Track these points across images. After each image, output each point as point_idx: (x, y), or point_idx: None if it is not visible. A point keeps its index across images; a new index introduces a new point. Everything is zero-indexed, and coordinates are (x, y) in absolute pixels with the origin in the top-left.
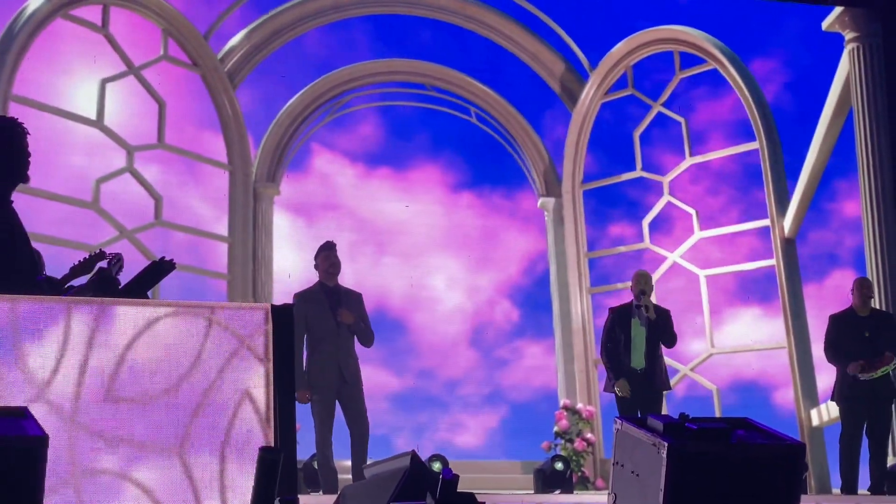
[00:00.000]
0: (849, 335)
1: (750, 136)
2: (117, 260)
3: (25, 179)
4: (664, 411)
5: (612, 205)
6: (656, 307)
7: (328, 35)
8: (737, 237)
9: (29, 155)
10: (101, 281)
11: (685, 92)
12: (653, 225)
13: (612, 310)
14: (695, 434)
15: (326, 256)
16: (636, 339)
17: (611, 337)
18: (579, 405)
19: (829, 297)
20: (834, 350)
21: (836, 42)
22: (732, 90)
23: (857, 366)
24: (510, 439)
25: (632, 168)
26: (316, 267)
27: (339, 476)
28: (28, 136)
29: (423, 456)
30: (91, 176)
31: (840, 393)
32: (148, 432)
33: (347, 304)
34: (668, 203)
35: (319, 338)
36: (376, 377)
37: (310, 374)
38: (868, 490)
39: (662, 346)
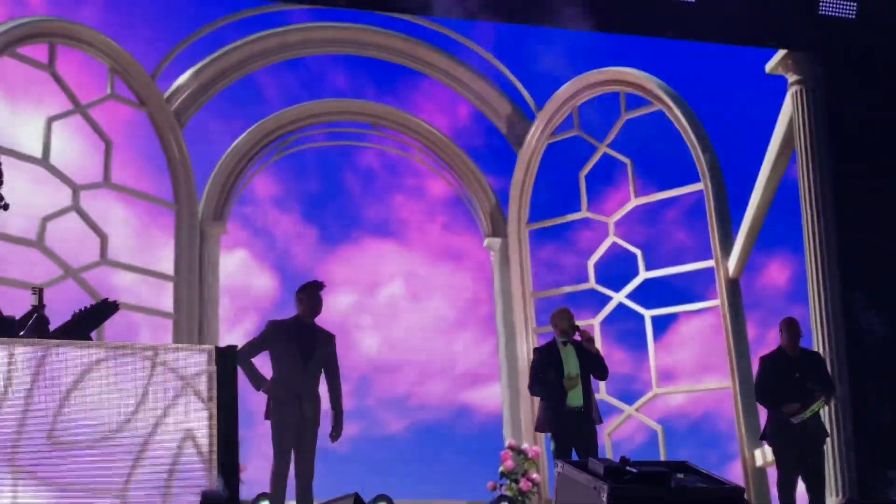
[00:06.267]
0: (779, 376)
1: (695, 178)
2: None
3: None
4: (607, 450)
5: (558, 245)
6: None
7: (275, 75)
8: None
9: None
10: (38, 321)
11: (631, 133)
12: (598, 265)
13: (537, 350)
14: (635, 477)
15: (312, 294)
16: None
17: (542, 372)
18: (524, 445)
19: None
20: (764, 392)
21: (779, 84)
22: (677, 131)
23: (793, 408)
24: (455, 479)
25: (577, 209)
26: (299, 301)
27: None
28: None
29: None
30: (35, 214)
31: (771, 434)
32: (90, 475)
33: (321, 343)
34: (614, 243)
35: (285, 374)
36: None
37: (271, 410)
38: None
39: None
